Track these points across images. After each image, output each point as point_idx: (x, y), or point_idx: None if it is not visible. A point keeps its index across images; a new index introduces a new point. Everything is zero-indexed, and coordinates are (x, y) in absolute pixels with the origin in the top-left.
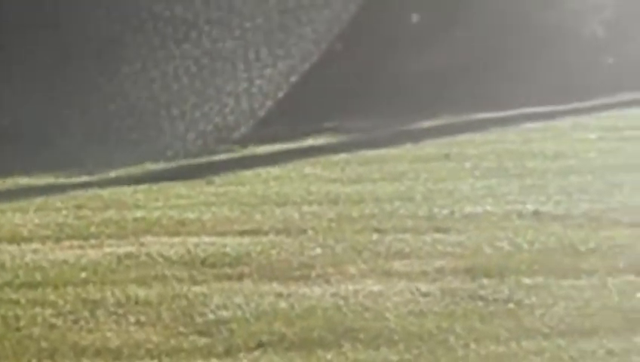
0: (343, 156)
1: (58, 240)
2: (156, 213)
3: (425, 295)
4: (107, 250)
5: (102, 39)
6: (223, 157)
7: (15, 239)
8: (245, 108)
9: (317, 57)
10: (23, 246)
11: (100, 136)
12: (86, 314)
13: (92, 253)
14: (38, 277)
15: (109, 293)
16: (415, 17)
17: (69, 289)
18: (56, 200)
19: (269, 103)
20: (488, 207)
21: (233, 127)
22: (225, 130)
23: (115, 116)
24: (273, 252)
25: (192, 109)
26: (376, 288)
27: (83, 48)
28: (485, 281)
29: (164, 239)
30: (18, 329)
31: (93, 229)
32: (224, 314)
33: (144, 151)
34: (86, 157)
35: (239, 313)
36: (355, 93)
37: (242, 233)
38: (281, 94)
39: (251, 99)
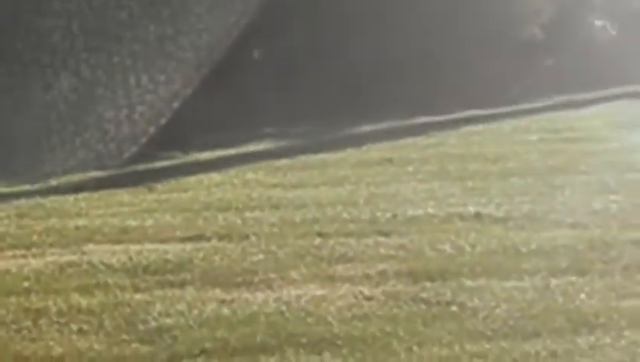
0: (284, 161)
1: (0, 249)
2: (98, 221)
3: (368, 299)
4: (49, 258)
5: None
6: (164, 163)
7: None
8: (126, 135)
9: (198, 82)
10: None
11: None
12: (29, 323)
13: (34, 262)
14: None
15: (51, 302)
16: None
17: (12, 298)
18: None
19: (151, 129)
20: (430, 210)
21: (114, 154)
22: (106, 157)
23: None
24: (216, 258)
25: (72, 137)
26: (319, 293)
27: None
28: (428, 284)
29: (107, 247)
30: None
31: (35, 238)
32: (167, 321)
33: (21, 179)
34: None
35: (182, 320)
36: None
37: (184, 239)
38: (163, 120)
39: (133, 126)
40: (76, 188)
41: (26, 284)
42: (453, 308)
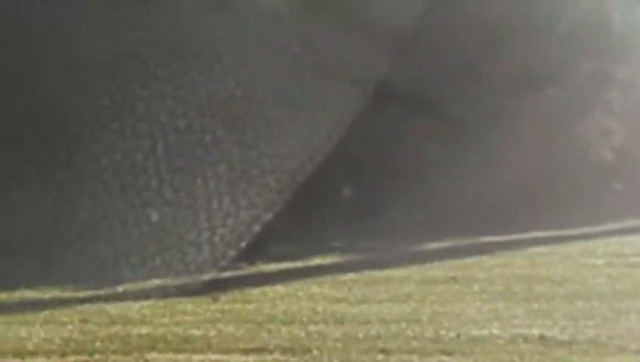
0: (350, 276)
1: (63, 354)
2: (161, 330)
3: None
4: None
5: None
6: (229, 274)
7: (20, 353)
8: (207, 258)
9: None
10: (28, 360)
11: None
12: None
13: None
14: None
15: None
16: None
17: None
18: (61, 314)
19: (231, 253)
20: (495, 331)
21: (194, 276)
22: (186, 278)
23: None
24: None
25: (153, 257)
26: None
27: None
28: None
29: (169, 356)
30: None
31: (98, 344)
32: None
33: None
34: None
35: None
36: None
37: (247, 351)
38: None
39: (213, 248)
40: (141, 296)
41: None
42: None
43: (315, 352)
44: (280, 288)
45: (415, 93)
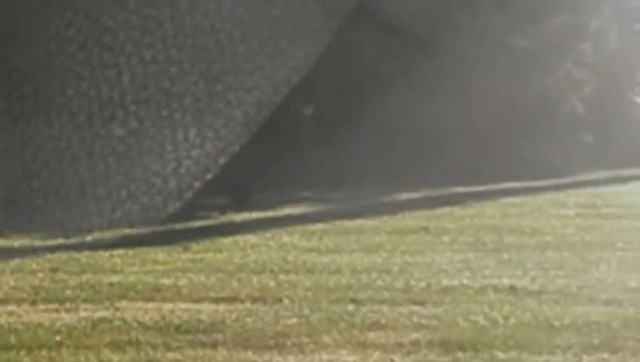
0: (320, 226)
1: (34, 302)
2: (132, 278)
3: None
4: (82, 314)
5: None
6: (200, 223)
7: None
8: (172, 189)
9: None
10: None
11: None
12: None
13: (67, 317)
14: (12, 339)
15: (82, 358)
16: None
17: (43, 352)
18: (32, 263)
19: (197, 184)
20: (465, 281)
21: (160, 208)
22: (152, 210)
23: (40, 194)
24: (248, 320)
25: (119, 189)
26: (350, 359)
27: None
28: (460, 355)
29: (140, 304)
30: None
31: (68, 293)
32: None
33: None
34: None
35: None
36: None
37: (218, 300)
38: (209, 175)
39: (179, 180)
40: (111, 245)
41: (57, 338)
42: None
43: (286, 301)
44: (251, 238)
45: (395, 27)
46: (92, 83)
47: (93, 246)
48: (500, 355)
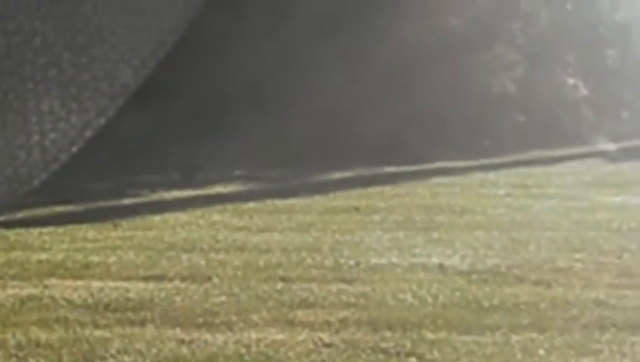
0: (251, 205)
1: None
2: (61, 256)
3: (327, 346)
4: (10, 291)
5: None
6: (130, 201)
7: None
8: (38, 161)
9: (113, 112)
10: None
11: None
12: None
13: None
14: None
15: (10, 335)
16: None
17: None
18: None
19: (63, 157)
20: (394, 259)
21: (25, 180)
22: (16, 183)
23: None
24: (177, 298)
25: None
26: (279, 337)
27: None
28: (388, 334)
29: (68, 282)
30: None
31: None
32: (125, 359)
33: None
34: None
35: (140, 359)
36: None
37: (147, 278)
38: (75, 148)
39: (44, 153)
40: (41, 222)
41: None
42: (412, 359)
43: (216, 280)
44: (181, 216)
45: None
46: None
47: (23, 224)
48: (429, 335)
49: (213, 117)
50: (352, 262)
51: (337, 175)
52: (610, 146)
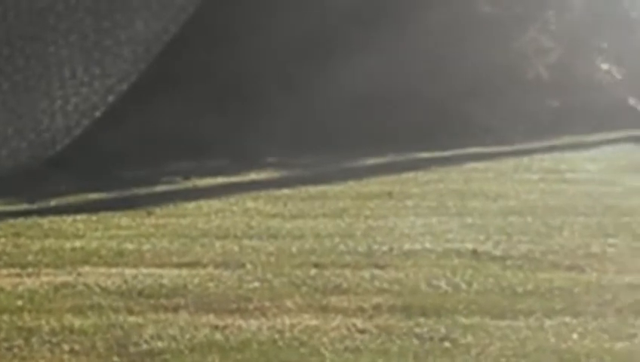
0: (285, 191)
1: None
2: (95, 243)
3: (361, 331)
4: (44, 278)
5: None
6: (164, 188)
7: None
8: (60, 126)
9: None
10: None
11: None
12: (20, 341)
13: (29, 282)
14: None
15: (44, 322)
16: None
17: (5, 316)
18: None
19: (85, 122)
20: (427, 245)
21: (48, 145)
22: (40, 148)
23: None
24: (211, 284)
25: (5, 126)
26: (312, 323)
27: None
28: (422, 319)
29: (102, 269)
30: None
31: (30, 258)
32: (159, 344)
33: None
34: None
35: (174, 344)
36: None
37: (180, 265)
38: (97, 113)
39: (66, 118)
40: (74, 210)
41: (19, 303)
42: (446, 344)
43: (249, 266)
44: (215, 203)
45: None
46: None
47: (57, 211)
48: (462, 320)
49: (246, 101)
50: (385, 248)
51: (370, 161)
52: None
